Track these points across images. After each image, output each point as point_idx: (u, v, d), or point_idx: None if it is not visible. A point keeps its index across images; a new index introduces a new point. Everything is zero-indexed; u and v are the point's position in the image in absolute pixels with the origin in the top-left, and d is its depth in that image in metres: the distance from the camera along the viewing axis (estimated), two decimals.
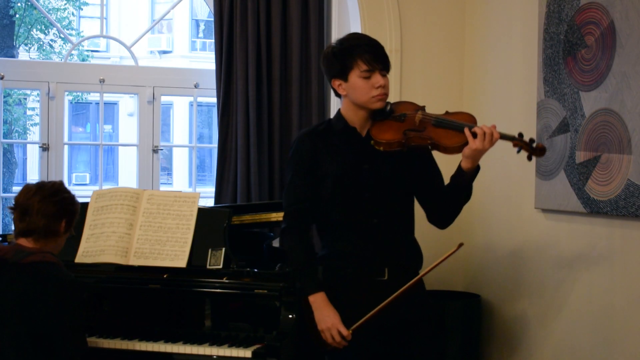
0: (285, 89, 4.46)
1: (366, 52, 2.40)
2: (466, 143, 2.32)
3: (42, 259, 2.41)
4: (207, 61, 11.70)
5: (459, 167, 2.39)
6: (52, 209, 2.47)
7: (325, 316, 2.42)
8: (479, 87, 3.83)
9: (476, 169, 2.40)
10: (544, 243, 3.22)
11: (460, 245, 2.37)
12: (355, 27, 3.95)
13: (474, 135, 2.31)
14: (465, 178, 2.39)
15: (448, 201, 2.49)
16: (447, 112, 2.47)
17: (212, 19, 4.44)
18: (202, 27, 14.82)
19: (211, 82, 4.57)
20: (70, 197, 2.56)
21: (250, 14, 4.35)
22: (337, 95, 2.54)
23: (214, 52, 4.44)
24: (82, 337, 2.47)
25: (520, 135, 2.40)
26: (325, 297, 2.46)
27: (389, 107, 2.47)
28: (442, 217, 2.56)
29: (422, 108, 2.49)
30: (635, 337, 2.68)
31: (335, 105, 4.47)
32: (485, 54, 3.79)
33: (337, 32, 4.46)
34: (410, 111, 2.46)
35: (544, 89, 3.16)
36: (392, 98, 2.53)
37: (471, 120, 2.43)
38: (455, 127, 2.37)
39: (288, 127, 4.47)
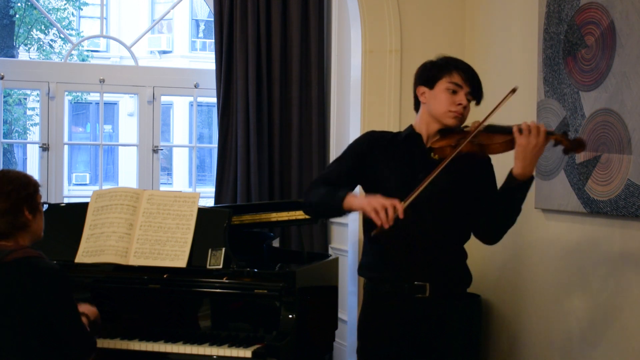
0: (285, 89, 4.46)
1: (464, 72, 2.41)
2: (509, 140, 2.29)
3: (24, 254, 2.31)
4: (207, 61, 11.70)
5: (510, 173, 2.32)
6: (5, 206, 2.33)
7: (369, 198, 2.25)
8: None
9: (528, 179, 2.31)
10: (544, 243, 3.22)
11: (514, 90, 2.33)
12: (355, 27, 3.95)
13: (520, 131, 2.27)
14: (514, 185, 2.31)
15: (495, 213, 2.41)
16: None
17: (212, 19, 4.45)
18: (202, 27, 14.83)
19: (211, 82, 4.57)
20: (19, 185, 2.36)
21: (250, 14, 4.35)
22: (416, 107, 2.52)
23: (214, 52, 4.45)
24: (83, 325, 2.42)
25: (565, 133, 2.36)
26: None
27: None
28: (488, 231, 2.49)
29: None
30: (635, 336, 2.68)
31: (335, 105, 4.48)
32: (485, 54, 3.78)
33: (337, 32, 4.47)
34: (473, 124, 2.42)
35: (544, 89, 3.16)
36: (392, 97, 2.51)
37: None
38: (504, 130, 2.34)
39: (288, 127, 4.48)
